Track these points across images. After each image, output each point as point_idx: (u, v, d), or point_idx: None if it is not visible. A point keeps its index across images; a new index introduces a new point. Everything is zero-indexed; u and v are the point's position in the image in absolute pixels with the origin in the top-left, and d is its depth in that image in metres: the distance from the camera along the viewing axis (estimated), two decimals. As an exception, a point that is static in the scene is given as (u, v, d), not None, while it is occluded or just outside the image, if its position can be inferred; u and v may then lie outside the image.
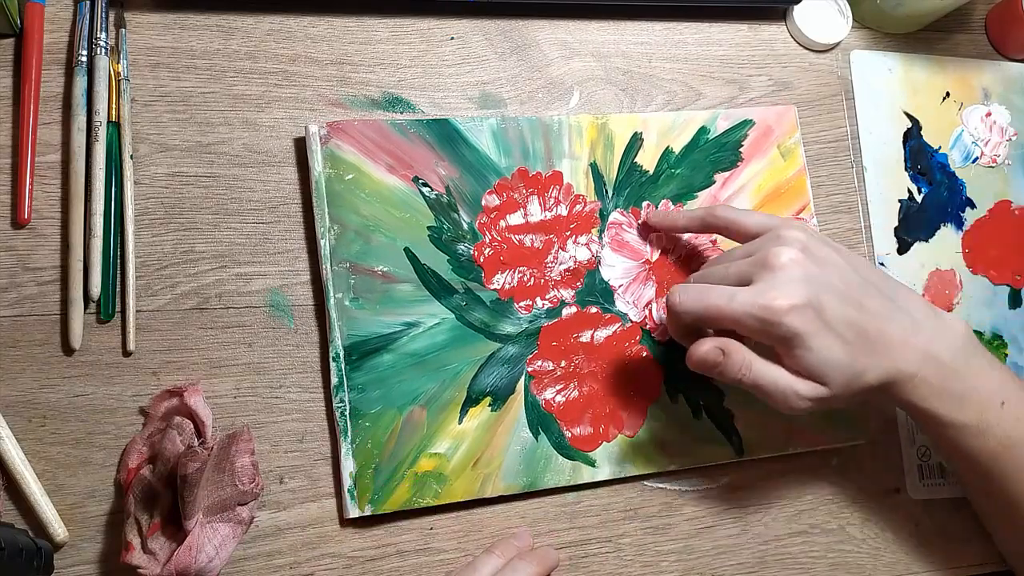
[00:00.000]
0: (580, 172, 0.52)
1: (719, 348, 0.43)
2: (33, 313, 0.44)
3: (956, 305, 0.59)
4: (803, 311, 0.41)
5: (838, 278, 0.43)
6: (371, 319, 0.47)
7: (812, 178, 0.58)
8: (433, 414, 0.47)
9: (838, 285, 0.43)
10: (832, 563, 0.53)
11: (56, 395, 0.43)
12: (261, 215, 0.48)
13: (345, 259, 0.47)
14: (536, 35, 0.55)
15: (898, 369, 0.44)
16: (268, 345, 0.47)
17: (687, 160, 0.55)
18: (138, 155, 0.47)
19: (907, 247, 0.59)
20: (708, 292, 0.43)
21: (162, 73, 0.48)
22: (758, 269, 0.43)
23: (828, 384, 0.43)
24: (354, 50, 0.52)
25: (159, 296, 0.46)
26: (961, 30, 0.65)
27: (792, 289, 0.42)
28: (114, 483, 0.43)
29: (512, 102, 0.54)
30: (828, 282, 0.43)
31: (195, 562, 0.40)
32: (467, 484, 0.47)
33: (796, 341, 0.42)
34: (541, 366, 0.50)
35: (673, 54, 0.57)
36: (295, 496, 0.45)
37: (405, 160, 0.49)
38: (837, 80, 0.61)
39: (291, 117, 0.50)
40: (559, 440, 0.49)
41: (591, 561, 0.49)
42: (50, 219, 0.45)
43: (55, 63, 0.47)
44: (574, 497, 0.49)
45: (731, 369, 0.43)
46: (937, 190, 0.61)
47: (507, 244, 0.50)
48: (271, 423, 0.46)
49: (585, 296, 0.51)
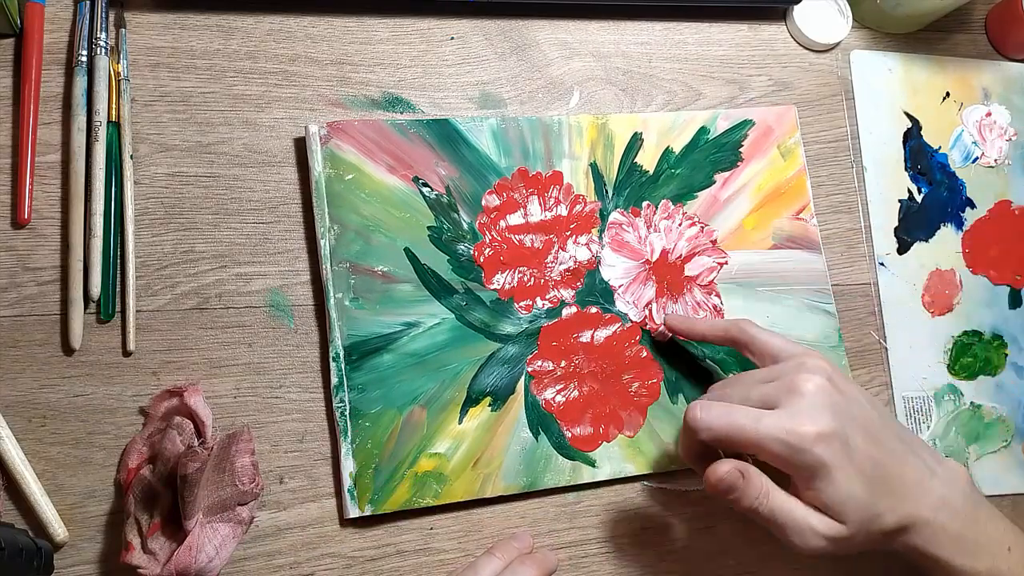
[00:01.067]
0: (580, 172, 0.52)
1: (739, 471, 0.41)
2: (33, 313, 0.44)
3: (956, 305, 0.59)
4: (830, 440, 0.40)
5: (861, 412, 0.43)
6: (371, 319, 0.47)
7: (812, 178, 0.58)
8: (433, 414, 0.47)
9: (861, 420, 0.42)
10: (833, 563, 0.52)
11: (56, 395, 0.43)
12: (261, 215, 0.48)
13: (345, 259, 0.47)
14: (536, 35, 0.55)
15: (916, 514, 0.42)
16: (268, 345, 0.47)
17: (687, 160, 0.55)
18: (138, 155, 0.47)
19: (907, 247, 0.59)
20: (733, 411, 0.41)
21: (162, 73, 0.48)
22: (784, 394, 0.42)
23: (846, 522, 0.41)
24: (354, 50, 0.52)
25: (159, 296, 0.46)
26: (961, 30, 0.65)
27: (820, 417, 0.40)
28: (114, 483, 0.43)
29: (512, 102, 0.54)
30: (853, 415, 0.42)
31: (195, 562, 0.40)
32: (467, 484, 0.47)
33: (821, 472, 0.40)
34: (541, 366, 0.50)
35: (673, 54, 0.57)
36: (295, 496, 0.45)
37: (405, 160, 0.49)
38: (837, 80, 0.61)
39: (291, 117, 0.50)
40: (559, 440, 0.49)
41: (591, 561, 0.49)
42: (50, 219, 0.45)
43: (55, 63, 0.47)
44: (574, 497, 0.49)
45: (749, 495, 0.41)
46: (937, 190, 0.61)
47: (507, 244, 0.50)
48: (271, 423, 0.46)
49: (585, 296, 0.51)
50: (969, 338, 0.59)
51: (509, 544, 0.46)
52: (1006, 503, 0.57)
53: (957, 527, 0.43)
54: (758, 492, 0.41)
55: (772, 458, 0.41)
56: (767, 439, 0.40)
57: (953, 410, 0.57)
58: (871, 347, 0.57)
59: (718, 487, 0.41)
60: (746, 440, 0.41)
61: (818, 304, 0.55)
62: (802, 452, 0.40)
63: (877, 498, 0.41)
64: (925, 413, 0.57)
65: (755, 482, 0.41)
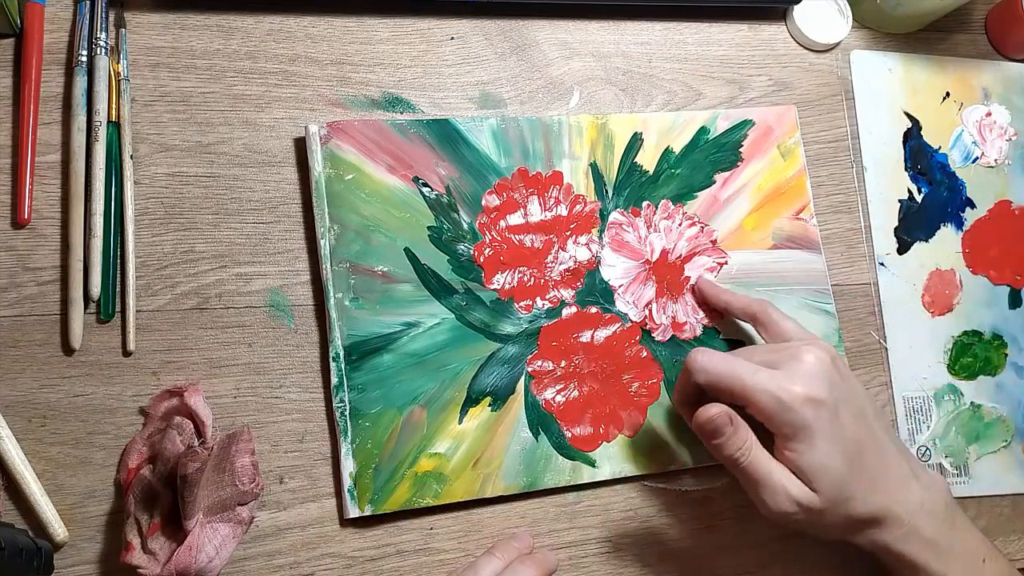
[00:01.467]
0: (580, 172, 0.52)
1: (728, 417, 0.42)
2: (33, 313, 0.44)
3: (956, 305, 0.59)
4: (819, 407, 0.41)
5: (856, 398, 0.44)
6: (371, 319, 0.47)
7: (812, 178, 0.58)
8: (433, 414, 0.47)
9: (856, 403, 0.43)
10: (834, 564, 0.53)
11: (56, 395, 0.43)
12: (261, 215, 0.48)
13: (345, 259, 0.47)
14: (536, 35, 0.55)
15: (891, 510, 0.43)
16: (268, 345, 0.47)
17: (687, 160, 0.55)
18: (138, 155, 0.47)
19: (907, 247, 0.59)
20: (733, 360, 0.43)
21: (162, 73, 0.48)
22: (785, 359, 0.43)
23: (819, 492, 0.42)
24: (354, 50, 0.52)
25: (159, 296, 0.46)
26: (961, 30, 0.65)
27: (814, 383, 0.42)
28: (114, 483, 0.43)
29: (512, 102, 0.54)
30: (848, 395, 0.43)
31: (195, 562, 0.40)
32: (467, 484, 0.47)
33: (803, 434, 0.41)
34: (541, 366, 0.50)
35: (673, 54, 0.57)
36: (295, 496, 0.45)
37: (405, 160, 0.49)
38: (837, 80, 0.61)
39: (291, 117, 0.50)
40: (559, 440, 0.49)
41: (591, 561, 0.49)
42: (50, 219, 0.45)
43: (55, 63, 0.47)
44: (574, 497, 0.49)
45: (733, 443, 0.42)
46: (937, 190, 0.61)
47: (507, 244, 0.50)
48: (271, 423, 0.46)
49: (585, 296, 0.51)
50: (969, 338, 0.59)
51: (509, 544, 0.46)
52: (1006, 503, 0.57)
53: (932, 532, 0.44)
54: (742, 443, 0.42)
55: (759, 412, 0.42)
56: (758, 391, 0.41)
57: (953, 410, 0.57)
58: (871, 347, 0.57)
59: (705, 427, 0.43)
60: (739, 388, 0.42)
61: (818, 304, 0.55)
62: (789, 410, 0.41)
63: (854, 479, 0.42)
64: (925, 413, 0.57)
65: (742, 433, 0.42)
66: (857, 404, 0.44)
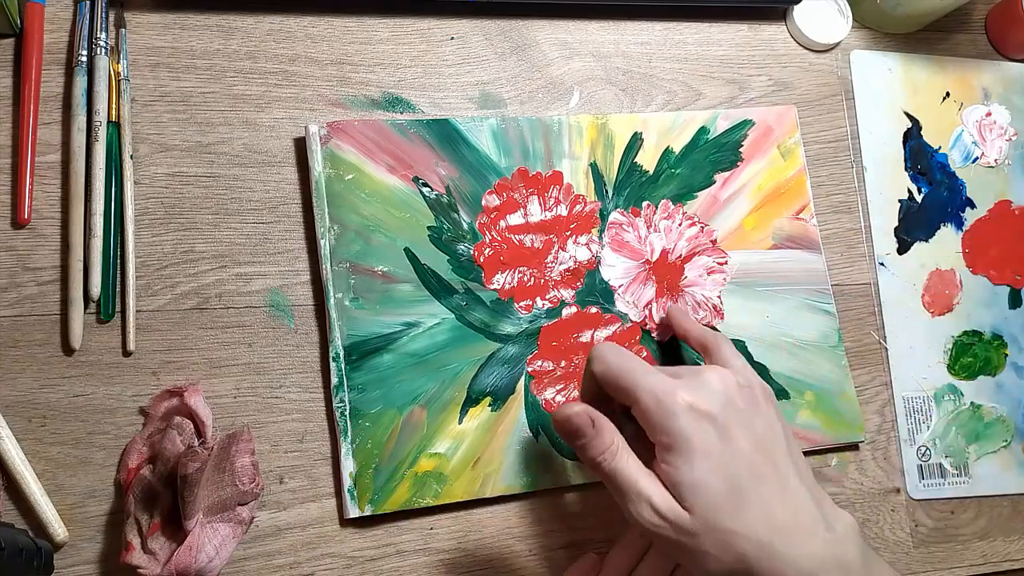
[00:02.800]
0: (580, 172, 0.52)
1: (591, 419, 0.39)
2: (33, 313, 0.44)
3: (956, 305, 0.59)
4: (703, 420, 0.38)
5: (764, 428, 0.39)
6: (371, 319, 0.47)
7: (812, 178, 0.58)
8: (433, 414, 0.47)
9: (760, 433, 0.39)
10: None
11: (56, 395, 0.43)
12: (261, 215, 0.48)
13: (345, 259, 0.47)
14: (536, 35, 0.55)
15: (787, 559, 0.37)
16: (268, 345, 0.47)
17: (687, 160, 0.55)
18: (138, 155, 0.47)
19: (907, 247, 0.59)
20: (632, 357, 0.40)
21: (162, 73, 0.48)
22: (691, 374, 0.40)
23: (691, 511, 0.37)
24: (354, 50, 0.52)
25: (159, 296, 0.46)
26: (961, 30, 0.65)
27: (705, 397, 0.38)
28: (114, 483, 0.43)
29: (512, 102, 0.54)
30: (749, 423, 0.39)
31: (195, 562, 0.40)
32: (467, 484, 0.47)
33: (682, 446, 0.37)
34: (541, 366, 0.50)
35: (673, 54, 0.57)
36: (295, 496, 0.45)
37: (405, 160, 0.49)
38: (837, 80, 0.61)
39: (291, 117, 0.50)
40: (559, 440, 0.49)
41: (591, 561, 0.49)
42: (50, 219, 0.45)
43: (55, 63, 0.47)
44: (574, 497, 0.49)
45: (595, 446, 0.38)
46: (937, 190, 0.61)
47: (507, 244, 0.50)
48: (271, 423, 0.46)
49: (585, 296, 0.51)
50: (969, 338, 0.59)
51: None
52: (1006, 503, 0.57)
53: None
54: (605, 448, 0.38)
55: (641, 414, 0.38)
56: (644, 390, 0.38)
57: (953, 410, 0.57)
58: (871, 347, 0.57)
59: (564, 426, 0.39)
60: (626, 384, 0.39)
61: (818, 304, 0.55)
62: (670, 416, 0.37)
63: (740, 510, 0.37)
64: (925, 413, 0.57)
65: (606, 437, 0.39)
66: (763, 435, 0.39)
